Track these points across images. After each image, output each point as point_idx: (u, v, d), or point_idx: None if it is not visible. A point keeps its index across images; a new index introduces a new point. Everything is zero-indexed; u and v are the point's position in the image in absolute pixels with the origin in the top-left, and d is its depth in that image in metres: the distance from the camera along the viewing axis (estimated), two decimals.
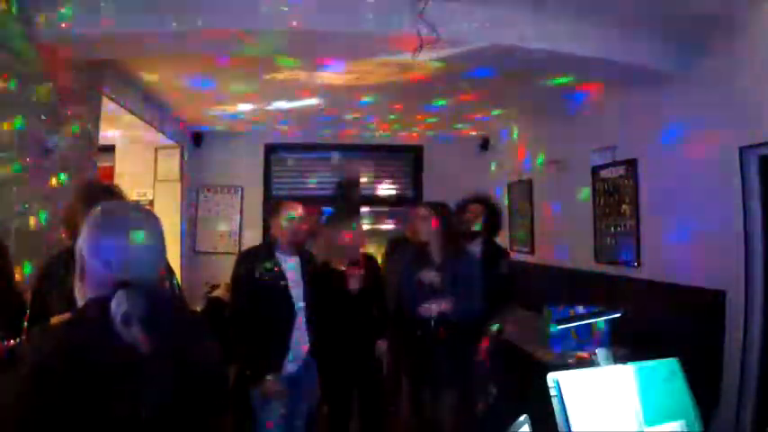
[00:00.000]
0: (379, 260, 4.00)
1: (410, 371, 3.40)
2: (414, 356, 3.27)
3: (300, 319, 2.91)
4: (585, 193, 4.55)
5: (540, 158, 5.40)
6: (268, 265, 2.88)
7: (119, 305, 1.02)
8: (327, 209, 5.29)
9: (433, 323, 3.09)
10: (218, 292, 3.13)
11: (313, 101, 4.90)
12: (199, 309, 3.31)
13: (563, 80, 4.23)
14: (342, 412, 3.13)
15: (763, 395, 2.94)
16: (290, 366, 2.87)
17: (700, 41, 3.29)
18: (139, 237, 1.14)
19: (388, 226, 6.83)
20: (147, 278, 1.13)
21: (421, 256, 3.27)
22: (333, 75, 4.12)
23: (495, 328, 3.37)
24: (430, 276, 3.14)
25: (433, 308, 3.06)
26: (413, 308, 3.14)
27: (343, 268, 3.12)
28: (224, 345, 1.34)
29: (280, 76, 4.18)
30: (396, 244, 4.25)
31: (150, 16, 2.79)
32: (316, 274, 3.11)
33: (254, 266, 2.87)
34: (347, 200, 6.21)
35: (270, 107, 5.16)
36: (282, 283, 2.88)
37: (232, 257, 3.30)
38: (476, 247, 3.73)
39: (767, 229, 3.00)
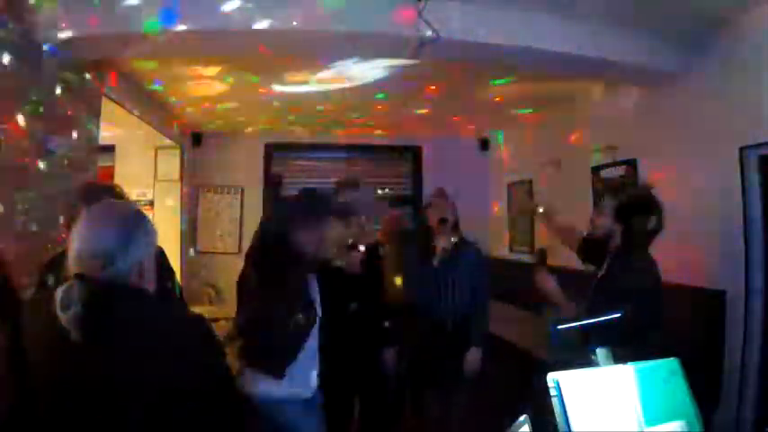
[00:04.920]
0: None
1: (413, 371, 3.40)
2: (418, 357, 3.28)
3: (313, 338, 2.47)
4: (585, 193, 4.55)
5: (540, 158, 5.40)
6: None
7: (61, 293, 1.19)
8: None
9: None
10: None
11: (313, 101, 4.90)
12: (199, 310, 3.27)
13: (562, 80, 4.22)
14: (342, 414, 3.10)
15: (763, 395, 2.94)
16: (307, 391, 2.37)
17: (700, 41, 3.28)
18: (86, 235, 1.25)
19: None
20: (105, 272, 1.23)
21: (425, 252, 3.33)
22: (333, 75, 4.12)
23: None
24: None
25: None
26: (423, 307, 3.17)
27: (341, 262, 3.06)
28: None
29: (280, 76, 4.19)
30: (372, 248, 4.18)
31: (150, 16, 2.79)
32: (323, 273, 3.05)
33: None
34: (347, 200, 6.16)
35: (270, 106, 5.16)
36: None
37: (232, 257, 3.28)
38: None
39: (767, 228, 3.00)
